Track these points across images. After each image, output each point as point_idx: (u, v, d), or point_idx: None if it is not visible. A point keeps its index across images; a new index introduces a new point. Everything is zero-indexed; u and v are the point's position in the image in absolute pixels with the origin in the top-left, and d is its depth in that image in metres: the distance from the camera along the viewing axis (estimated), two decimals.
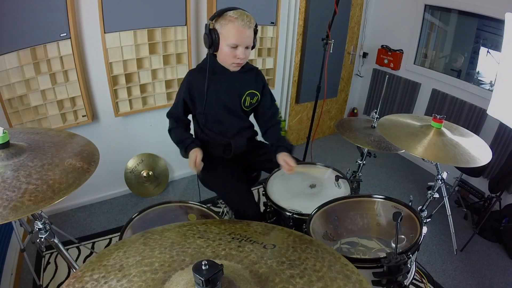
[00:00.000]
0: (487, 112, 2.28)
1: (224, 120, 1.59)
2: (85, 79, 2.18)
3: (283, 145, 1.57)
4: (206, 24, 1.42)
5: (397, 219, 1.10)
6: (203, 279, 0.59)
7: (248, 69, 1.61)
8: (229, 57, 1.46)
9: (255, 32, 1.48)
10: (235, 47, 1.42)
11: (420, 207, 1.64)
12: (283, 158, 1.51)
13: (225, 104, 1.56)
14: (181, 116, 1.60)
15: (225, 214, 1.95)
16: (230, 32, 1.39)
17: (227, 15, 1.39)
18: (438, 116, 1.40)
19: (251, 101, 1.62)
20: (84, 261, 1.94)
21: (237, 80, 1.56)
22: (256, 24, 1.47)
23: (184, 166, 2.91)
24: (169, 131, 1.62)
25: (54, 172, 0.90)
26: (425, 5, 3.05)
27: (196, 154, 1.49)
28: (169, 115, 1.62)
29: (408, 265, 1.02)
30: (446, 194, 1.92)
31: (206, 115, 1.56)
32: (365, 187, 2.96)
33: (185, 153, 1.54)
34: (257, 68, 1.68)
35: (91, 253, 2.12)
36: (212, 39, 1.42)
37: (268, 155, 1.76)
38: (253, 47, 1.52)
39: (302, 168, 1.64)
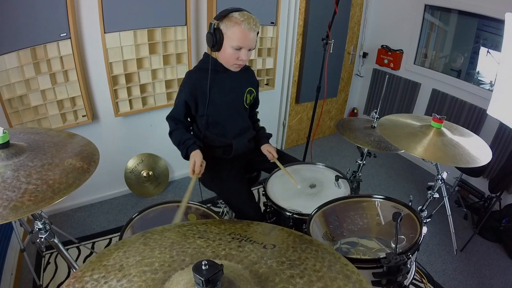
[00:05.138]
0: (487, 112, 2.28)
1: (227, 120, 1.59)
2: (85, 79, 2.18)
3: (264, 136, 1.75)
4: (210, 23, 1.41)
5: (397, 219, 1.09)
6: (203, 279, 0.59)
7: (245, 68, 1.63)
8: (232, 58, 1.46)
9: (257, 33, 1.49)
10: (239, 49, 1.42)
11: (420, 207, 1.64)
12: (266, 148, 1.69)
13: (229, 103, 1.56)
14: (181, 119, 1.58)
15: (225, 214, 1.95)
16: (236, 34, 1.39)
17: (232, 16, 1.39)
18: (438, 116, 1.39)
19: (250, 98, 1.64)
20: (84, 261, 1.94)
21: (238, 78, 1.57)
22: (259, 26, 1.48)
23: (184, 166, 2.89)
24: (170, 133, 1.60)
25: (54, 172, 0.90)
26: (425, 5, 3.05)
27: (194, 159, 1.45)
28: (168, 118, 1.60)
29: (408, 265, 1.02)
30: (446, 194, 1.91)
31: (208, 116, 1.55)
32: (365, 187, 2.96)
33: (186, 154, 1.52)
34: (249, 66, 1.73)
35: (91, 253, 2.12)
36: (216, 39, 1.42)
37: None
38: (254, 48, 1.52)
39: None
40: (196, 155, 1.46)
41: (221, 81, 1.52)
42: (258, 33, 1.48)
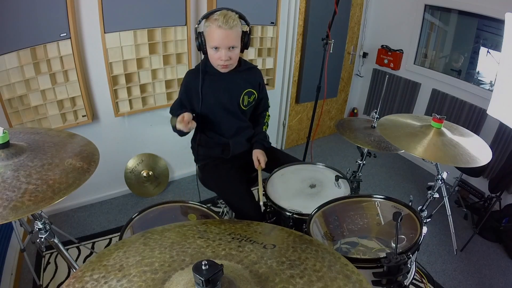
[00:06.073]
0: (487, 112, 2.27)
1: (222, 120, 1.59)
2: (85, 79, 2.18)
3: (260, 141, 1.66)
4: (195, 28, 1.42)
5: (397, 219, 1.10)
6: (203, 279, 0.59)
7: (247, 68, 1.61)
8: (213, 59, 1.45)
9: (248, 31, 1.46)
10: (217, 49, 1.41)
11: (420, 207, 1.64)
12: (256, 154, 1.61)
13: (223, 104, 1.55)
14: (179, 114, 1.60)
15: (225, 214, 1.95)
16: (210, 34, 1.38)
17: (210, 16, 1.37)
18: (438, 116, 1.39)
19: (249, 99, 1.62)
20: (84, 261, 1.95)
21: (235, 79, 1.55)
22: (245, 22, 1.45)
23: (184, 166, 2.92)
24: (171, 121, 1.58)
25: (54, 172, 0.90)
26: (425, 5, 3.05)
27: (183, 114, 1.37)
28: (170, 111, 1.61)
29: (408, 265, 1.02)
30: (446, 194, 1.92)
31: (204, 116, 1.56)
32: (365, 187, 2.96)
33: (175, 120, 1.42)
34: (256, 66, 1.68)
35: (91, 253, 2.12)
36: (198, 42, 1.42)
37: (267, 154, 1.76)
38: (245, 47, 1.49)
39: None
40: (184, 112, 1.39)
41: (215, 82, 1.52)
42: (247, 31, 1.45)
